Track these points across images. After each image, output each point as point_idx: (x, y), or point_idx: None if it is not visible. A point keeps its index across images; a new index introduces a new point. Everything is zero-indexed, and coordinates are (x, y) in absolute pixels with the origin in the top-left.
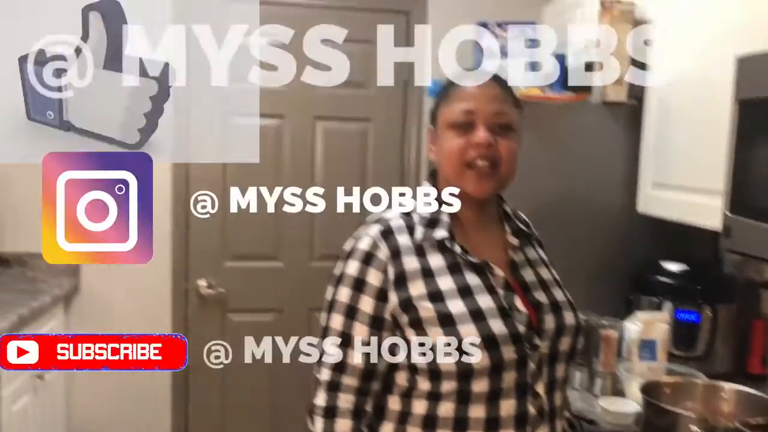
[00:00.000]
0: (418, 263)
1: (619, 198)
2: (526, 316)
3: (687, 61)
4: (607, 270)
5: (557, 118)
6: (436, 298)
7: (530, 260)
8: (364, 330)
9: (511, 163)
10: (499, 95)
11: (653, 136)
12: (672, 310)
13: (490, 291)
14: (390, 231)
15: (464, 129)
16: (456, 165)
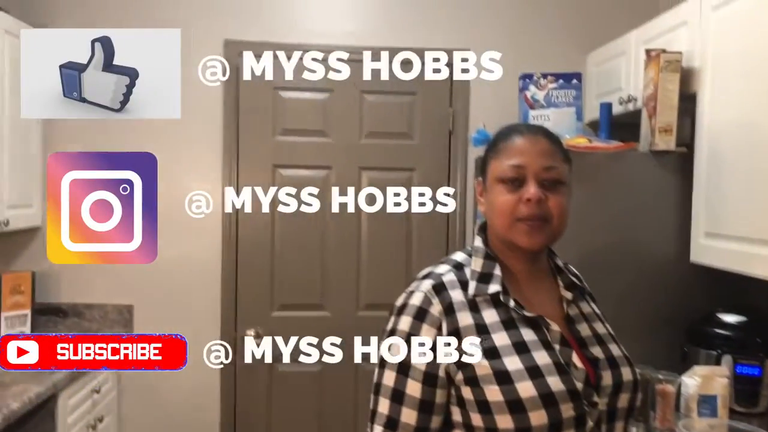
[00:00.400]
0: (472, 319)
1: (671, 247)
2: (584, 372)
3: (737, 108)
4: (661, 322)
5: (605, 167)
6: (492, 355)
7: (585, 314)
8: (417, 387)
9: (562, 218)
10: (549, 149)
11: (704, 185)
12: (731, 364)
13: (547, 347)
14: (442, 286)
15: (514, 184)
16: (507, 220)
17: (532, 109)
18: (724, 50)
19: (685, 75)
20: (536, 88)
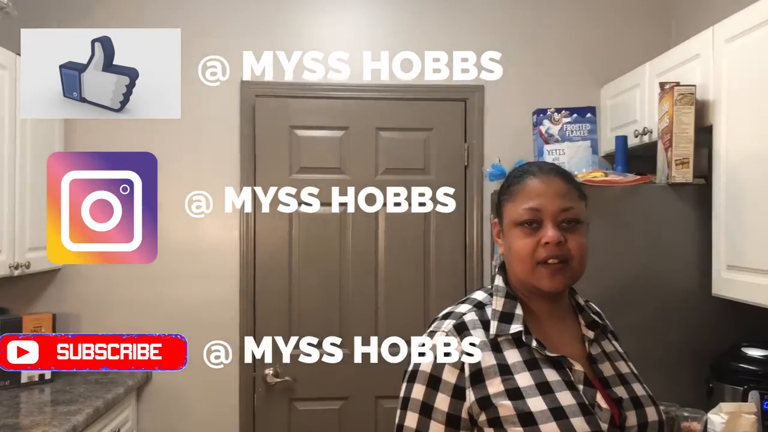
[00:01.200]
0: (495, 359)
1: (693, 280)
2: (609, 413)
3: (754, 140)
4: (685, 357)
5: (622, 201)
6: (516, 396)
7: (607, 353)
8: (440, 429)
9: (582, 258)
10: (564, 190)
11: (723, 217)
12: (759, 400)
13: (570, 387)
14: (464, 326)
15: (531, 227)
16: (526, 263)
17: (547, 143)
18: (738, 83)
19: (700, 107)
20: (551, 122)
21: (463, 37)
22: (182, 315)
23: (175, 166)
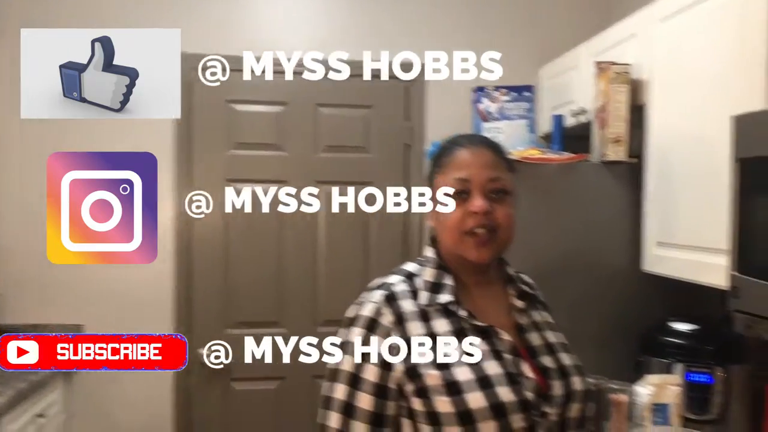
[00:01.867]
0: (424, 328)
1: (624, 257)
2: (534, 382)
3: (685, 119)
4: (614, 331)
5: (557, 178)
6: (443, 366)
7: (536, 323)
8: (369, 400)
9: (509, 228)
10: (492, 161)
11: (655, 195)
12: (683, 372)
13: (497, 356)
14: (394, 296)
15: (460, 197)
16: (454, 233)
17: (485, 121)
18: (671, 62)
19: (635, 87)
20: (489, 100)
21: (407, 16)
22: (115, 293)
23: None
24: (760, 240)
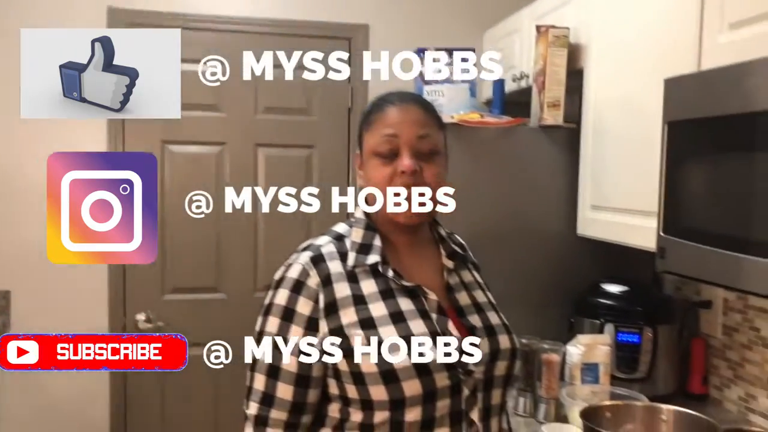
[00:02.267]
0: (350, 290)
1: (560, 221)
2: (459, 340)
3: (620, 84)
4: (549, 293)
5: (496, 142)
6: (368, 325)
7: (465, 283)
8: (294, 361)
9: (438, 185)
10: (422, 118)
11: (590, 159)
12: (613, 332)
13: (424, 316)
14: (321, 257)
15: (389, 156)
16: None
17: (427, 84)
18: (607, 26)
19: (574, 51)
20: (432, 62)
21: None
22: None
23: None
24: (687, 202)
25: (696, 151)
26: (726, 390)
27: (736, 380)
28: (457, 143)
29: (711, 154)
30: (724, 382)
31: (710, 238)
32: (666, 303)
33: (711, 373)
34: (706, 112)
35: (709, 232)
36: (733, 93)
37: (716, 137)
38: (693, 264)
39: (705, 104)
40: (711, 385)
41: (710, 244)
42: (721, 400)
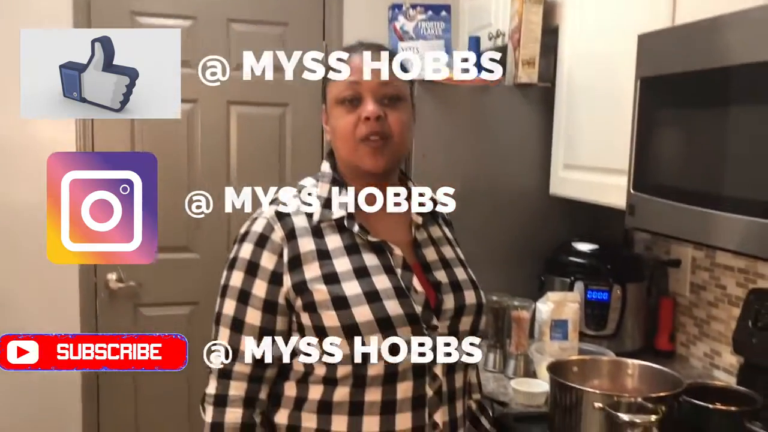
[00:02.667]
0: (314, 245)
1: (533, 180)
2: (424, 295)
3: (594, 41)
4: (521, 252)
5: (471, 100)
6: (332, 280)
7: (434, 239)
8: (257, 315)
9: (404, 135)
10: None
11: (564, 118)
12: (583, 290)
13: (388, 271)
14: (286, 212)
15: (352, 104)
16: (348, 142)
17: (401, 41)
18: None
19: (549, 8)
20: (405, 18)
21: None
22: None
23: None
24: (658, 159)
25: (668, 107)
26: (692, 347)
27: (702, 337)
28: (431, 101)
29: (683, 110)
30: (690, 339)
31: (680, 195)
32: (635, 262)
33: (678, 331)
34: (680, 67)
35: (680, 188)
36: (707, 48)
37: (689, 93)
38: (662, 221)
39: (678, 60)
40: (678, 342)
41: (681, 200)
42: (687, 356)
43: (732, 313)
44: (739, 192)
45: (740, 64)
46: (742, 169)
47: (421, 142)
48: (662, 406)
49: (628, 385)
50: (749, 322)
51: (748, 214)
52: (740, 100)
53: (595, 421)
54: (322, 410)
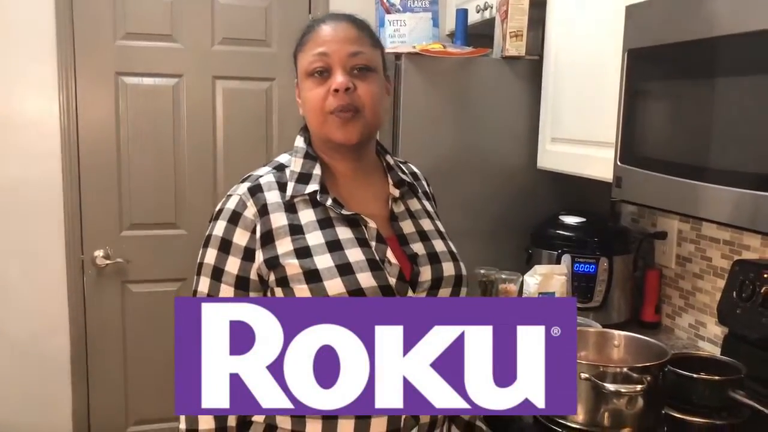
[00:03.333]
0: (287, 220)
1: (520, 153)
2: (398, 267)
3: (581, 14)
4: (509, 225)
5: (458, 73)
6: (304, 255)
7: (411, 211)
8: (230, 291)
9: (374, 107)
10: (355, 36)
11: (551, 91)
12: (570, 263)
13: (362, 244)
14: (259, 188)
15: (322, 76)
16: (318, 115)
17: (388, 13)
18: None
19: None
20: None
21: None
22: None
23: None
24: (645, 131)
25: (655, 79)
26: (677, 318)
27: (687, 308)
28: (418, 73)
29: (670, 81)
30: (675, 310)
31: (667, 167)
32: (622, 234)
33: (664, 302)
34: (667, 38)
35: (667, 160)
36: (694, 18)
37: (676, 64)
38: (649, 193)
39: (666, 31)
40: (663, 314)
41: (668, 172)
42: (672, 328)
43: (717, 284)
44: (726, 164)
45: (728, 35)
46: (730, 140)
47: (407, 115)
48: (647, 376)
49: (614, 356)
50: (733, 293)
51: (736, 185)
52: (728, 71)
53: (581, 392)
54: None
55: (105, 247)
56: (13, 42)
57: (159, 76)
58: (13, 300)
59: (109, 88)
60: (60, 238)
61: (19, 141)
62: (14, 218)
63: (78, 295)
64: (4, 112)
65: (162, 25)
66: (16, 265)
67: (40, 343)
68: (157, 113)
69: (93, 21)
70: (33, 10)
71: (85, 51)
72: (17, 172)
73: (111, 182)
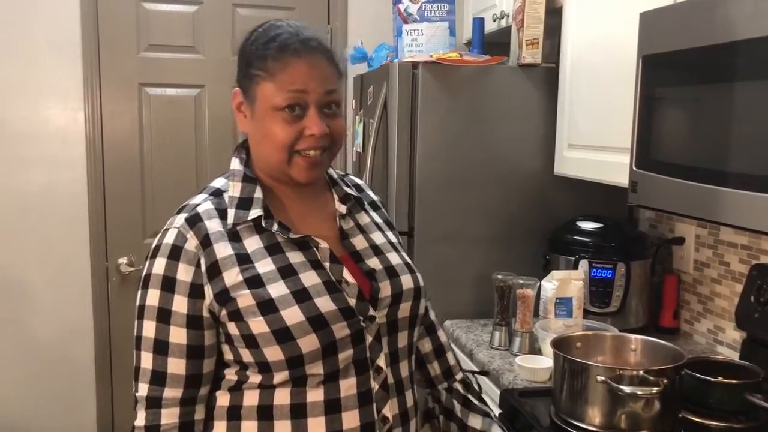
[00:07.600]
0: (232, 249)
1: (537, 160)
2: (356, 287)
3: (596, 21)
4: (526, 231)
5: (475, 81)
6: (256, 284)
7: (361, 226)
8: (182, 333)
9: (342, 139)
10: (330, 72)
11: (567, 98)
12: (588, 268)
13: (316, 266)
14: (197, 217)
15: (293, 112)
16: (282, 152)
17: (405, 23)
18: None
19: None
20: (410, 1)
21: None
22: (25, 204)
23: (8, 44)
24: (660, 136)
25: (670, 84)
26: (696, 323)
27: (706, 314)
28: (435, 82)
29: (685, 87)
30: (694, 316)
31: (683, 171)
32: (639, 239)
33: (682, 308)
34: (682, 44)
35: (682, 165)
36: (708, 24)
37: (691, 70)
38: (665, 197)
39: (680, 36)
40: (682, 319)
41: (683, 177)
42: (691, 333)
43: (735, 289)
44: (742, 167)
45: (743, 40)
46: (746, 144)
47: (425, 123)
48: (663, 378)
49: (630, 360)
50: (752, 298)
51: (753, 189)
52: (743, 75)
53: (598, 394)
54: (262, 416)
55: (129, 255)
56: (41, 54)
57: (181, 86)
58: (40, 306)
59: (132, 99)
60: (85, 245)
61: (45, 150)
62: (41, 226)
63: (102, 301)
64: (31, 123)
65: (184, 37)
66: (43, 273)
67: (66, 348)
68: (179, 123)
69: (117, 34)
70: (59, 24)
71: (109, 63)
72: (44, 181)
73: (135, 191)
